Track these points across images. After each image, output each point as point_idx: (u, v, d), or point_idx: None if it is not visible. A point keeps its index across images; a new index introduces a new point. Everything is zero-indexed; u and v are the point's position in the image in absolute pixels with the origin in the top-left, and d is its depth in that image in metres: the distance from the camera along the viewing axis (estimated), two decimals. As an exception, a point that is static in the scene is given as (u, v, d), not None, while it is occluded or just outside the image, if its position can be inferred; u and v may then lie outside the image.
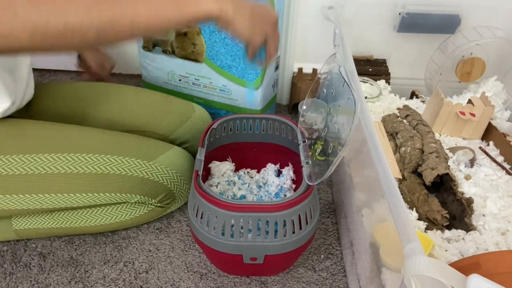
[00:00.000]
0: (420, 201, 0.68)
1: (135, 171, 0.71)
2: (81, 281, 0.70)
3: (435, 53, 0.98)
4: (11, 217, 0.73)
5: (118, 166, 0.70)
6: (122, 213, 0.74)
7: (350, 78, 0.61)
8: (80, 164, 0.68)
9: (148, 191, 0.72)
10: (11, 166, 0.66)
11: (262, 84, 0.96)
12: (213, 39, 0.93)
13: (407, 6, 0.94)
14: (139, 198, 0.72)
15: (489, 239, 0.60)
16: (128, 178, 0.70)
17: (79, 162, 0.68)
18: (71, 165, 0.68)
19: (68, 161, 0.68)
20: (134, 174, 0.71)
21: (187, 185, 0.77)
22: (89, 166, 0.68)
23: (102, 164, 0.69)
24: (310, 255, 0.76)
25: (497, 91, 0.95)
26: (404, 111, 0.84)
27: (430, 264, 0.34)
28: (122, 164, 0.70)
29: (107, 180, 0.69)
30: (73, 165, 0.68)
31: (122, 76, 1.26)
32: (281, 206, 0.58)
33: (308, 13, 0.99)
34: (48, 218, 0.73)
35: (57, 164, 0.67)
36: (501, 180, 0.73)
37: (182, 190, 0.77)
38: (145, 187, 0.72)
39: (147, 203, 0.75)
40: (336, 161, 0.56)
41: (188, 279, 0.71)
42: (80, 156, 0.68)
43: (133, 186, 0.71)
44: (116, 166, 0.70)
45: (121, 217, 0.74)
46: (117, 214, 0.74)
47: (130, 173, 0.70)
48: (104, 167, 0.69)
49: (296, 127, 0.75)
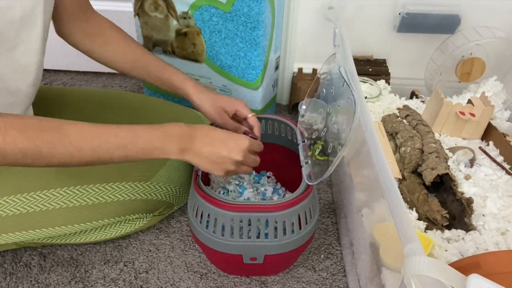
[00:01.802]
0: (420, 201, 0.68)
1: (134, 195, 0.70)
2: (81, 281, 0.70)
3: (435, 53, 0.98)
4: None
5: (116, 193, 0.69)
6: (121, 228, 0.74)
7: (350, 78, 0.61)
8: (77, 197, 0.67)
9: (148, 209, 0.73)
10: (3, 208, 0.64)
11: (262, 84, 0.96)
12: (213, 39, 0.93)
13: (407, 6, 0.94)
14: (139, 215, 0.73)
15: (489, 239, 0.60)
16: (127, 202, 0.70)
17: (77, 195, 0.67)
18: (68, 200, 0.66)
19: (66, 195, 0.66)
20: (132, 198, 0.70)
21: (186, 194, 0.77)
22: (87, 198, 0.67)
23: (99, 194, 0.68)
24: (310, 255, 0.76)
25: (497, 91, 0.95)
26: (404, 111, 0.84)
27: (430, 264, 0.34)
28: (120, 191, 0.69)
29: (106, 208, 0.69)
30: (70, 200, 0.66)
31: (122, 76, 1.26)
32: (280, 206, 0.58)
33: (308, 13, 0.99)
34: (49, 240, 0.73)
35: (56, 199, 0.66)
36: (501, 180, 0.73)
37: (181, 199, 0.78)
38: (145, 206, 0.72)
39: (146, 217, 0.75)
40: (335, 161, 0.56)
41: (188, 279, 0.71)
42: (76, 190, 0.67)
43: (132, 208, 0.71)
44: (114, 194, 0.69)
45: (120, 231, 0.74)
46: (117, 230, 0.74)
47: (128, 197, 0.70)
48: (102, 197, 0.68)
49: (296, 127, 0.75)
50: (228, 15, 0.88)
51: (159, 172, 0.73)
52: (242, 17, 0.86)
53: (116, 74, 1.26)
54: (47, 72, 1.24)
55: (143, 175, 0.72)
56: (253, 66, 0.93)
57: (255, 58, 0.91)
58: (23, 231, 0.66)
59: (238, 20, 0.87)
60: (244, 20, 0.87)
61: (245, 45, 0.90)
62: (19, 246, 0.74)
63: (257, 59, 0.92)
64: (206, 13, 0.89)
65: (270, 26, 0.90)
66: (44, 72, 1.23)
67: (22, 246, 0.74)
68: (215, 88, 1.01)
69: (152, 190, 0.72)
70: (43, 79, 1.23)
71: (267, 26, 0.89)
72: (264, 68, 0.94)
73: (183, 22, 0.93)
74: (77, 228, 0.69)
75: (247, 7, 0.85)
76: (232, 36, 0.90)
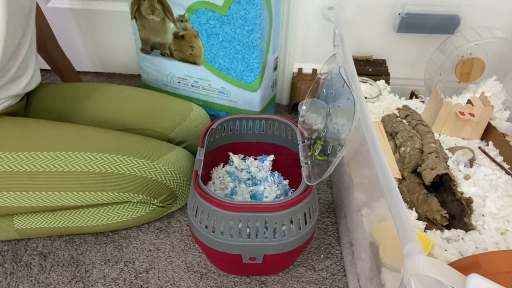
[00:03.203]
0: (419, 201, 0.68)
1: (139, 171, 0.71)
2: (81, 281, 0.70)
3: (435, 53, 0.98)
4: (12, 216, 0.73)
5: (122, 166, 0.70)
6: (123, 213, 0.74)
7: (350, 78, 0.62)
8: (85, 162, 0.68)
9: (151, 191, 0.73)
10: (15, 163, 0.66)
11: (260, 86, 0.96)
12: (211, 42, 0.93)
13: (407, 6, 0.94)
14: (142, 197, 0.73)
15: (488, 239, 0.60)
16: (132, 178, 0.71)
17: (84, 160, 0.68)
18: (75, 164, 0.68)
19: (73, 159, 0.68)
20: (137, 174, 0.71)
21: (189, 185, 0.78)
22: (94, 164, 0.69)
23: (106, 163, 0.69)
24: (310, 254, 0.76)
25: (496, 91, 0.95)
26: (404, 111, 0.85)
27: (430, 264, 0.34)
28: (127, 164, 0.71)
29: (111, 179, 0.70)
30: (78, 164, 0.68)
31: (122, 76, 1.27)
32: (280, 206, 0.58)
33: (308, 13, 0.99)
34: (50, 218, 0.73)
35: (61, 162, 0.68)
36: (501, 180, 0.73)
37: (184, 190, 0.77)
38: (148, 187, 0.72)
39: (149, 203, 0.75)
40: (335, 161, 0.56)
41: (188, 279, 0.71)
42: (85, 155, 0.69)
43: (136, 185, 0.71)
44: (121, 166, 0.70)
45: (122, 217, 0.74)
46: (118, 214, 0.74)
47: (134, 172, 0.71)
48: (109, 166, 0.69)
49: (296, 127, 0.75)
50: (224, 18, 0.87)
51: (165, 155, 0.75)
52: (239, 20, 0.86)
53: (116, 74, 1.27)
54: (48, 72, 1.24)
55: (150, 155, 0.73)
56: (251, 68, 0.93)
57: (253, 61, 0.91)
58: (29, 191, 0.67)
59: (235, 23, 0.87)
60: (241, 23, 0.87)
61: (243, 47, 0.90)
62: (21, 236, 0.75)
63: (255, 61, 0.92)
64: (203, 16, 0.89)
65: (267, 28, 0.90)
66: (44, 72, 1.24)
67: (24, 236, 0.75)
68: (214, 90, 1.01)
69: (156, 170, 0.73)
70: (43, 79, 1.23)
71: (265, 28, 0.89)
72: (262, 70, 0.94)
73: (180, 25, 0.93)
74: (80, 198, 0.69)
75: (243, 10, 0.85)
76: (230, 39, 0.90)
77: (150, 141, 0.76)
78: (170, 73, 1.04)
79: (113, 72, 1.27)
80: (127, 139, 0.74)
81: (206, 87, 1.02)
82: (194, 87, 1.03)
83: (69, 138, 0.70)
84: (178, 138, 0.85)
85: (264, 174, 0.80)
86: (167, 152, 0.75)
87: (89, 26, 1.16)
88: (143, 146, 0.74)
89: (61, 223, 0.73)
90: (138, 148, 0.73)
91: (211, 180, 0.80)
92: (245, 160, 0.83)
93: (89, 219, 0.73)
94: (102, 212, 0.74)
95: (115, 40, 1.18)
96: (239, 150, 0.82)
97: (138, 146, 0.73)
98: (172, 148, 0.77)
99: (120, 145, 0.72)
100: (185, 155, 0.78)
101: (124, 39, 1.16)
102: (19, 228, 0.73)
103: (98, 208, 0.73)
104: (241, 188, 0.77)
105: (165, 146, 0.76)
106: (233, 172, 0.80)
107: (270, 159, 0.82)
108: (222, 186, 0.78)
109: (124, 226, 0.77)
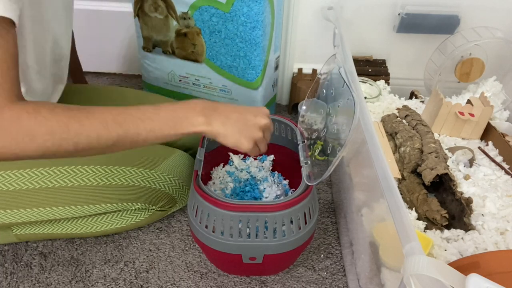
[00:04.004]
0: (419, 201, 0.68)
1: (137, 181, 0.71)
2: (81, 281, 0.70)
3: (434, 53, 0.99)
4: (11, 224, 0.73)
5: (120, 177, 0.70)
6: (122, 220, 0.74)
7: (349, 78, 0.62)
8: (82, 176, 0.68)
9: (150, 199, 0.73)
10: (11, 182, 0.65)
11: (262, 84, 0.96)
12: (213, 39, 0.93)
13: (407, 6, 0.94)
14: (140, 205, 0.73)
15: (488, 239, 0.61)
16: (130, 188, 0.70)
17: (81, 174, 0.68)
18: (72, 178, 0.67)
19: (70, 174, 0.67)
20: (136, 184, 0.71)
21: (189, 189, 0.77)
22: (91, 178, 0.68)
23: (104, 176, 0.69)
24: (310, 254, 0.76)
25: (496, 91, 0.95)
26: (404, 111, 0.85)
27: (430, 264, 0.34)
28: (124, 175, 0.70)
29: (109, 191, 0.69)
30: (75, 178, 0.67)
31: (122, 76, 1.27)
32: (280, 206, 0.58)
33: (308, 13, 0.99)
34: (49, 225, 0.73)
35: (58, 177, 0.67)
36: (500, 180, 0.73)
37: (183, 195, 0.78)
38: (147, 195, 0.72)
39: (148, 209, 0.75)
40: (335, 161, 0.56)
41: (188, 279, 0.71)
42: (82, 169, 0.68)
43: (135, 195, 0.71)
44: (118, 177, 0.70)
45: (121, 223, 0.74)
46: (117, 220, 0.74)
47: (132, 183, 0.70)
48: (106, 179, 0.69)
49: (296, 127, 0.75)
50: (227, 15, 0.88)
51: (164, 162, 0.74)
52: (241, 17, 0.87)
53: (116, 74, 1.27)
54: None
55: (147, 163, 0.72)
56: (253, 66, 0.93)
57: (255, 58, 0.92)
58: (27, 208, 0.66)
59: (237, 20, 0.88)
60: (244, 20, 0.87)
61: (245, 45, 0.90)
62: (20, 240, 0.74)
63: (257, 59, 0.92)
64: (205, 14, 0.90)
65: (269, 26, 0.90)
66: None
67: (23, 240, 0.74)
68: (215, 88, 1.01)
69: (154, 178, 0.72)
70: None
71: (267, 26, 0.89)
72: (264, 68, 0.94)
73: (183, 23, 0.94)
74: (78, 211, 0.69)
75: (246, 7, 0.85)
76: (232, 36, 0.91)
77: (148, 148, 0.75)
78: (172, 71, 1.04)
79: (114, 73, 1.27)
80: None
81: (208, 85, 1.02)
82: (195, 85, 1.03)
83: None
84: (185, 146, 0.85)
85: (264, 174, 0.80)
86: (166, 157, 0.75)
87: (89, 26, 1.16)
88: (140, 154, 0.73)
89: (59, 230, 0.73)
90: (136, 157, 0.72)
91: (211, 180, 0.80)
92: (245, 160, 0.83)
93: (88, 226, 0.73)
94: (101, 219, 0.73)
95: (115, 40, 1.18)
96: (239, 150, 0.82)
97: (136, 155, 0.72)
98: (171, 153, 0.76)
99: (117, 155, 0.70)
100: (184, 159, 0.78)
101: (124, 39, 1.16)
102: (18, 233, 0.73)
103: (97, 216, 0.73)
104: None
105: (164, 151, 0.76)
106: (233, 172, 0.80)
107: (270, 159, 0.82)
108: (222, 186, 0.78)
109: (124, 230, 0.77)
